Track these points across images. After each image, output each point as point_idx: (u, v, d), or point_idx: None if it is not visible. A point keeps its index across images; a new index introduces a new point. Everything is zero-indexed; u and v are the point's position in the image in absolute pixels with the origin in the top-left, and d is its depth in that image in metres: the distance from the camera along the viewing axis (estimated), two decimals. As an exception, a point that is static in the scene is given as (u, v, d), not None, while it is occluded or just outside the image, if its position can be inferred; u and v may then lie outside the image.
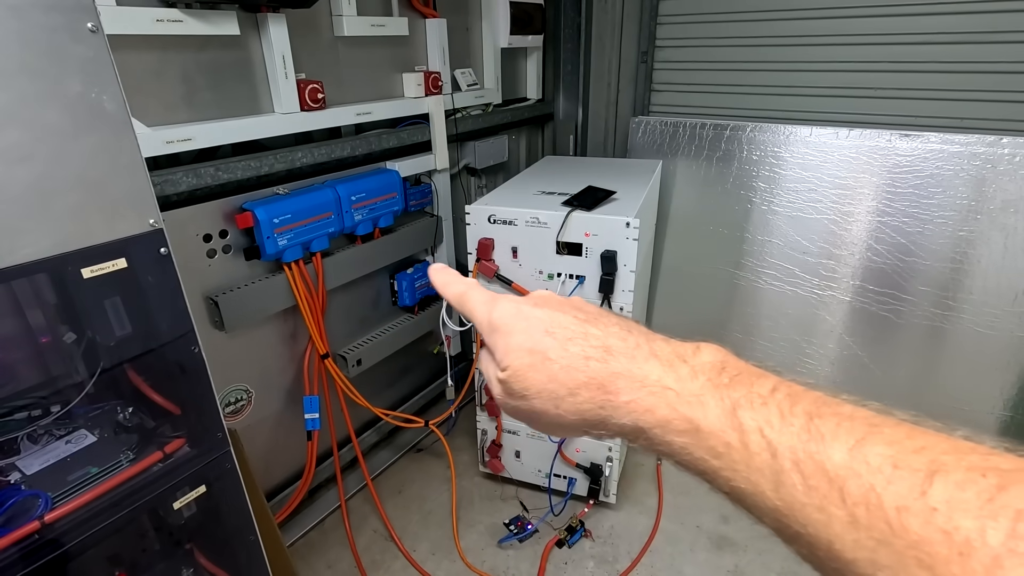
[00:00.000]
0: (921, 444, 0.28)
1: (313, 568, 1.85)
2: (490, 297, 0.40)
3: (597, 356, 0.35)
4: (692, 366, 0.34)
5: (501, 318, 0.38)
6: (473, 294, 0.41)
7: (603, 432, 0.36)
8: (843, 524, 0.28)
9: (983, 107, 1.90)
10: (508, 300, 0.39)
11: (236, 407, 1.71)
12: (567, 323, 0.37)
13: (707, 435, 0.32)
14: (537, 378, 0.36)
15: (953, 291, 1.93)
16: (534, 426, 0.39)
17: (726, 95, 2.39)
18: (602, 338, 0.36)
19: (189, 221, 1.46)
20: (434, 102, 2.03)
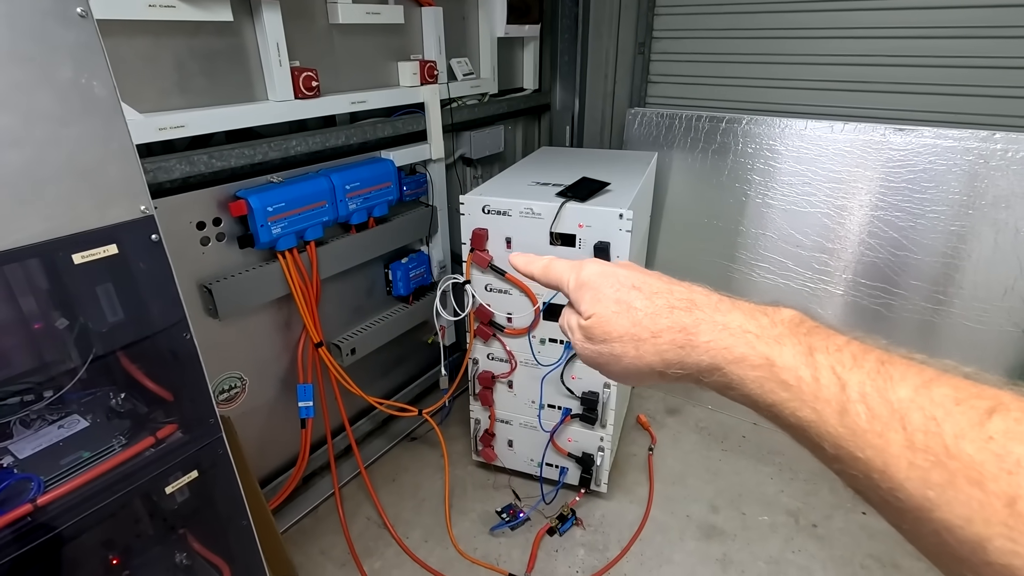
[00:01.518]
0: (983, 390, 0.31)
1: (307, 554, 1.87)
2: (576, 262, 0.45)
3: (682, 306, 0.39)
4: (772, 318, 0.38)
5: (590, 275, 0.43)
6: (558, 262, 0.47)
7: (677, 371, 0.40)
8: (900, 447, 0.30)
9: (977, 102, 1.91)
10: (595, 262, 0.43)
11: (230, 395, 1.72)
12: (653, 281, 0.41)
13: (780, 369, 0.35)
14: (621, 323, 0.40)
15: (944, 286, 1.95)
16: (607, 371, 0.43)
17: (722, 87, 2.39)
18: (687, 293, 0.40)
19: (182, 208, 1.46)
20: (429, 91, 2.02)
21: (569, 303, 0.45)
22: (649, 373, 0.41)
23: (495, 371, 1.95)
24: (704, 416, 2.53)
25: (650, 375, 0.41)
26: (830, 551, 1.86)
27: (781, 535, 1.93)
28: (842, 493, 2.11)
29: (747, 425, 2.46)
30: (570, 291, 0.44)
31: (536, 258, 0.49)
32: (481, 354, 1.94)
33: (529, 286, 1.75)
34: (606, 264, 0.43)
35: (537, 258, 0.49)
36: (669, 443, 2.36)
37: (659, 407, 2.58)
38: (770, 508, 2.04)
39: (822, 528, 1.95)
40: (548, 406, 1.93)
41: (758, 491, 2.11)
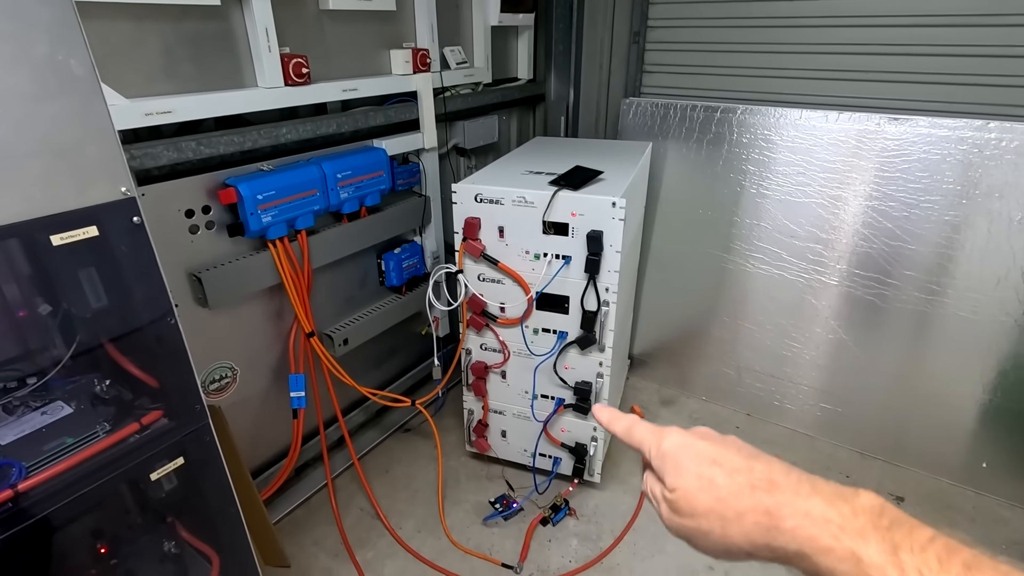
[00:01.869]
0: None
1: (300, 544, 1.87)
2: (657, 428, 0.46)
3: (763, 486, 0.40)
4: (853, 506, 0.38)
5: (671, 446, 0.43)
6: (640, 426, 0.47)
7: (765, 554, 0.41)
8: None
9: (972, 91, 1.90)
10: (676, 432, 0.44)
11: (221, 384, 1.71)
12: (732, 456, 0.42)
13: (868, 566, 0.36)
14: (704, 499, 0.41)
15: (937, 276, 1.94)
16: (698, 545, 0.44)
17: (717, 77, 2.37)
18: (767, 472, 0.41)
19: (171, 196, 1.45)
20: (422, 80, 2.00)
21: (650, 469, 0.46)
22: (738, 551, 0.42)
23: (488, 361, 1.94)
24: (698, 407, 2.53)
25: (739, 553, 0.42)
26: (822, 540, 1.87)
27: (774, 525, 1.93)
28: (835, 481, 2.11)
29: (740, 416, 2.46)
30: (652, 459, 0.45)
31: (619, 417, 0.49)
32: (474, 344, 1.94)
33: (522, 276, 1.74)
34: (686, 434, 0.44)
35: (620, 417, 0.49)
36: (663, 434, 2.36)
37: (653, 398, 2.58)
38: (763, 498, 2.04)
39: (814, 518, 1.95)
40: (541, 396, 1.92)
41: (751, 481, 2.11)
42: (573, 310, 1.75)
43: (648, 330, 2.65)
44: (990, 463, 2.02)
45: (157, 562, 1.20)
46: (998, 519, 1.95)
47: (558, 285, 1.72)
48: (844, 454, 2.25)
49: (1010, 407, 1.94)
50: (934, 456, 2.12)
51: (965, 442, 2.05)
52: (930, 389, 2.06)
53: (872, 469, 2.17)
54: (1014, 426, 1.95)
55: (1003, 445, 1.99)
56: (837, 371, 2.23)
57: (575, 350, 1.80)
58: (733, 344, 2.43)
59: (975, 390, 1.98)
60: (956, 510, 1.99)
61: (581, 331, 1.76)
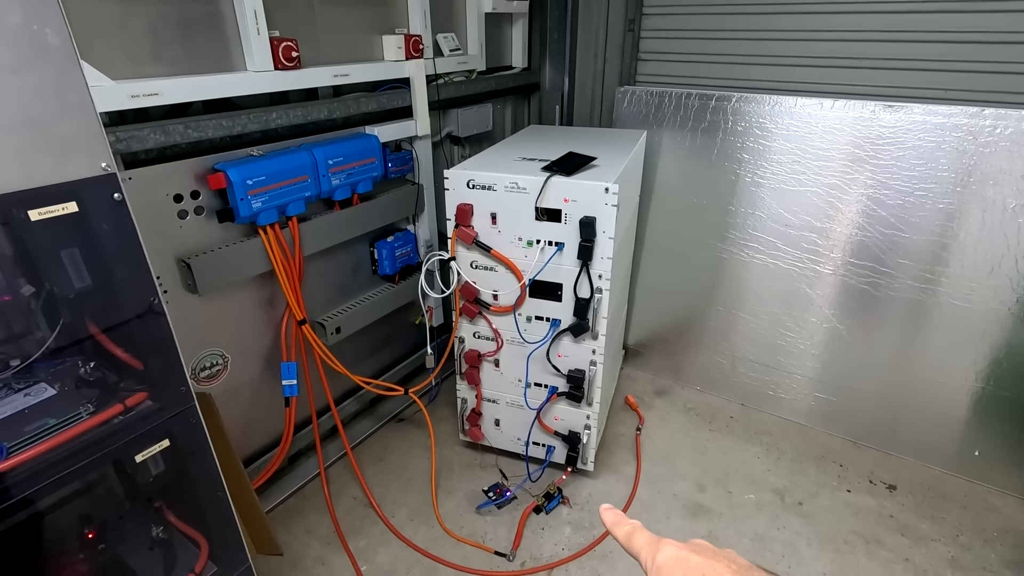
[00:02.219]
0: None
1: (292, 533, 1.86)
2: (655, 539, 0.46)
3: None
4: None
5: (665, 561, 0.44)
6: (639, 536, 0.47)
7: None
8: None
9: (967, 78, 1.89)
10: (671, 545, 0.45)
11: (211, 372, 1.69)
12: (722, 571, 0.42)
13: None
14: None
15: (931, 264, 1.94)
16: None
17: (713, 65, 2.36)
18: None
19: (159, 180, 1.43)
20: (415, 66, 1.98)
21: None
22: None
23: (481, 350, 1.93)
24: (692, 397, 2.53)
25: None
26: (815, 528, 1.87)
27: (767, 513, 1.93)
28: (828, 471, 2.12)
29: (735, 406, 2.46)
30: (647, 570, 0.46)
31: (623, 521, 0.50)
32: (467, 332, 1.93)
33: (515, 263, 1.73)
34: (682, 548, 0.45)
35: (623, 522, 0.50)
36: (657, 423, 2.36)
37: (647, 388, 2.58)
38: (756, 487, 2.04)
39: (807, 506, 1.96)
40: (534, 384, 1.92)
41: (745, 470, 2.12)
42: (566, 297, 1.74)
43: (642, 320, 2.65)
44: (982, 451, 2.03)
45: (146, 547, 1.19)
46: (989, 507, 1.96)
47: (551, 272, 1.72)
48: (837, 443, 2.25)
49: (1003, 395, 1.94)
50: (927, 444, 2.12)
51: (958, 430, 2.06)
52: (923, 378, 2.06)
53: (865, 458, 2.18)
54: (1006, 414, 1.96)
55: (995, 433, 2.00)
56: (831, 360, 2.23)
57: (568, 338, 1.80)
58: (728, 334, 2.42)
59: (968, 378, 1.98)
60: (948, 498, 1.99)
61: (574, 319, 1.76)
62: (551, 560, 1.76)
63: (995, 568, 1.73)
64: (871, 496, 2.00)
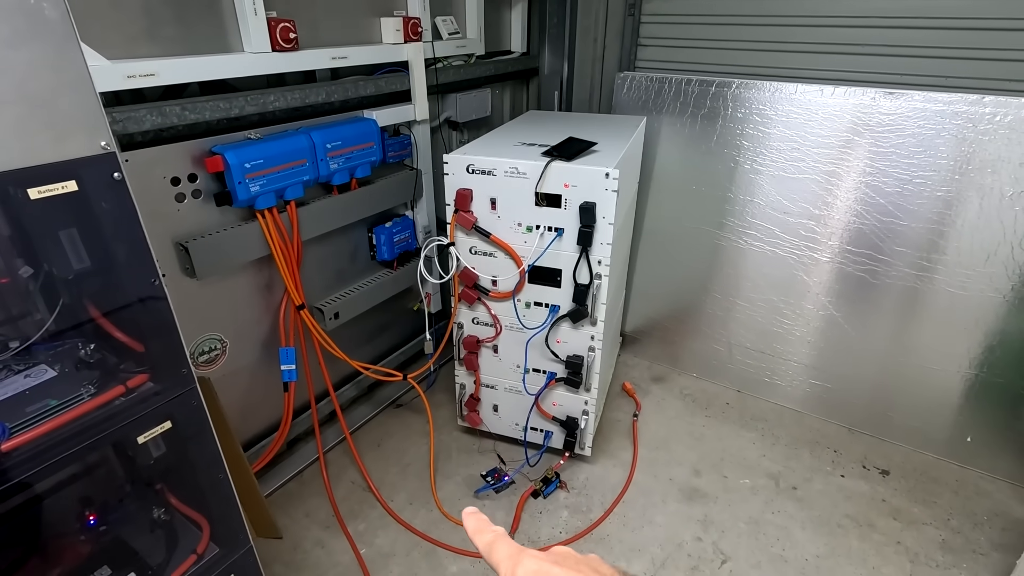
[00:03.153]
0: None
1: (291, 516, 1.88)
2: (516, 551, 0.44)
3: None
4: None
5: (524, 575, 0.42)
6: (500, 546, 0.45)
7: None
8: None
9: (968, 65, 1.89)
10: (531, 557, 0.43)
11: (210, 356, 1.69)
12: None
13: None
14: None
15: (928, 252, 1.95)
16: None
17: (713, 51, 2.35)
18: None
19: (156, 162, 1.42)
20: (413, 49, 1.96)
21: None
22: None
23: (480, 335, 1.93)
24: (689, 384, 2.55)
25: None
26: (809, 512, 1.90)
27: (761, 497, 1.96)
28: (822, 456, 2.14)
29: (731, 393, 2.48)
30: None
31: (484, 529, 0.47)
32: (466, 318, 1.93)
33: (514, 248, 1.72)
34: (543, 560, 0.43)
35: (486, 529, 0.47)
36: (654, 409, 2.38)
37: (644, 375, 2.60)
38: (751, 472, 2.07)
39: (801, 490, 1.98)
40: (533, 370, 1.93)
41: (740, 455, 2.14)
42: (565, 283, 1.75)
43: (640, 307, 2.66)
44: (974, 437, 2.06)
45: (147, 529, 1.19)
46: (980, 491, 1.99)
47: (550, 258, 1.71)
48: (832, 429, 2.28)
49: (995, 382, 1.96)
50: (920, 430, 2.15)
51: (951, 417, 2.08)
52: (918, 365, 2.08)
53: (859, 444, 2.20)
54: (998, 401, 1.98)
55: (987, 419, 2.02)
56: (827, 347, 2.25)
57: (567, 324, 1.80)
58: (725, 321, 2.44)
59: (962, 365, 2.00)
60: (940, 483, 2.02)
61: (573, 305, 1.76)
62: (548, 543, 1.78)
63: (984, 551, 1.76)
64: (864, 481, 2.02)
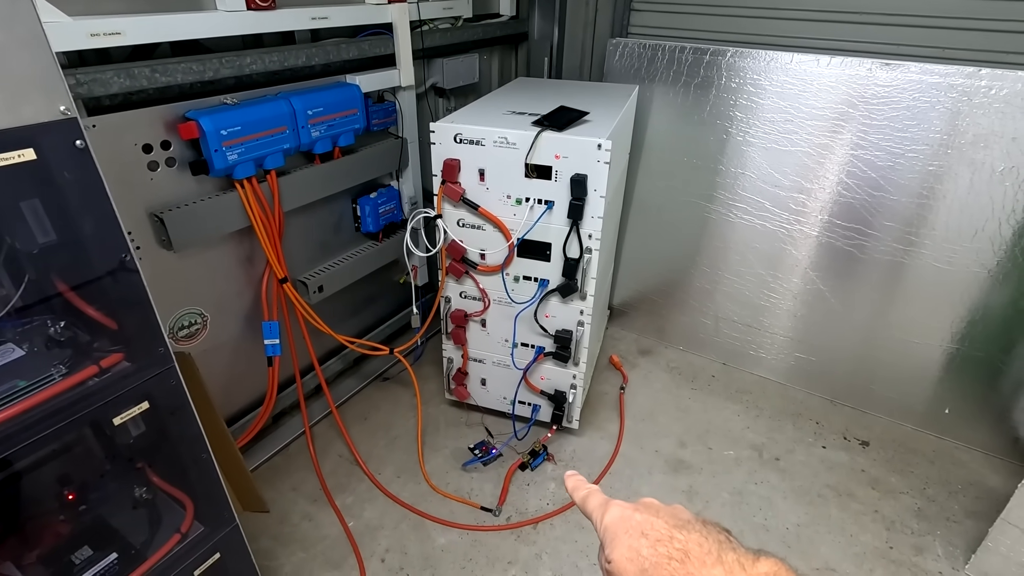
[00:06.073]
0: None
1: (278, 490, 1.87)
2: (605, 501, 0.50)
3: (678, 557, 0.43)
4: (749, 572, 0.41)
5: (611, 520, 0.47)
6: (592, 499, 0.51)
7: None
8: None
9: (966, 36, 1.86)
10: (617, 505, 0.49)
11: (190, 331, 1.65)
12: (660, 526, 0.45)
13: None
14: (631, 570, 0.44)
15: (917, 226, 1.95)
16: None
17: (708, 17, 2.28)
18: (684, 543, 0.43)
19: (125, 128, 1.34)
20: (398, 10, 1.87)
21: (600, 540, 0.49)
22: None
23: (468, 310, 1.91)
24: (675, 356, 2.56)
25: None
26: (791, 482, 1.94)
27: (745, 468, 1.99)
28: (805, 428, 2.18)
29: (717, 365, 2.50)
30: (598, 531, 0.49)
31: (581, 486, 0.53)
32: (453, 292, 1.90)
33: (503, 221, 1.69)
34: (626, 507, 0.48)
35: (582, 486, 0.53)
36: (640, 382, 2.39)
37: (632, 348, 2.60)
38: (736, 443, 2.10)
39: (784, 461, 2.02)
40: (521, 344, 1.91)
41: (725, 427, 2.17)
42: (555, 257, 1.72)
43: (628, 280, 2.65)
44: (952, 409, 2.10)
45: (129, 508, 1.17)
46: (956, 462, 2.05)
47: (540, 231, 1.68)
48: (815, 401, 2.31)
49: (975, 355, 2.00)
50: (900, 403, 2.19)
51: (930, 389, 2.12)
52: (901, 338, 2.10)
53: (841, 415, 2.24)
54: (977, 374, 2.02)
55: (966, 392, 2.06)
56: (812, 321, 2.26)
57: (556, 298, 1.78)
58: (712, 294, 2.44)
59: (944, 339, 2.03)
60: (918, 453, 2.07)
61: (563, 279, 1.74)
62: (536, 515, 1.80)
63: (958, 518, 1.82)
64: (845, 452, 2.06)
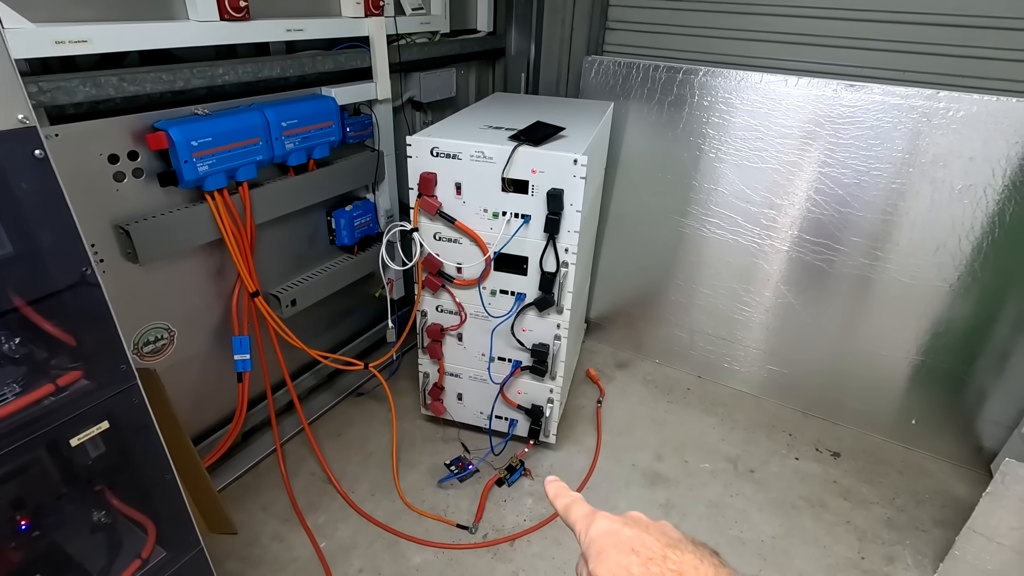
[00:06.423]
0: None
1: (247, 510, 1.81)
2: (590, 512, 0.47)
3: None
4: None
5: (597, 533, 0.45)
6: (576, 508, 0.48)
7: None
8: None
9: (924, 60, 1.94)
10: (604, 518, 0.46)
11: (156, 346, 1.60)
12: (651, 544, 0.42)
13: None
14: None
15: (882, 242, 2.01)
16: None
17: (681, 37, 2.34)
18: (678, 564, 0.41)
19: (91, 138, 1.30)
20: (375, 24, 1.87)
21: (582, 552, 0.47)
22: None
23: (444, 323, 1.89)
24: (652, 370, 2.58)
25: None
26: (766, 494, 1.95)
27: (721, 480, 2.00)
28: (778, 440, 2.21)
29: (692, 378, 2.53)
30: (581, 542, 0.47)
31: (563, 493, 0.51)
32: (430, 306, 1.88)
33: (480, 235, 1.68)
34: (614, 521, 0.45)
35: (564, 494, 0.51)
36: (617, 395, 2.40)
37: (609, 361, 2.61)
38: (711, 456, 2.11)
39: (759, 473, 2.04)
40: (498, 359, 1.90)
41: (701, 440, 2.18)
42: (532, 271, 1.72)
43: (605, 294, 2.66)
44: (919, 420, 2.15)
45: (87, 532, 1.12)
46: (923, 471, 2.09)
47: (517, 245, 1.68)
48: (788, 413, 2.35)
49: (939, 367, 2.05)
50: (869, 414, 2.23)
51: (898, 401, 2.17)
52: (869, 351, 2.16)
53: (813, 427, 2.28)
54: (942, 385, 2.08)
55: (931, 403, 2.12)
56: (785, 334, 2.31)
57: (533, 312, 1.78)
58: (687, 308, 2.46)
59: (909, 351, 2.09)
60: (887, 464, 2.11)
61: (539, 293, 1.74)
62: (513, 531, 1.78)
63: (926, 527, 1.86)
64: (817, 463, 2.09)
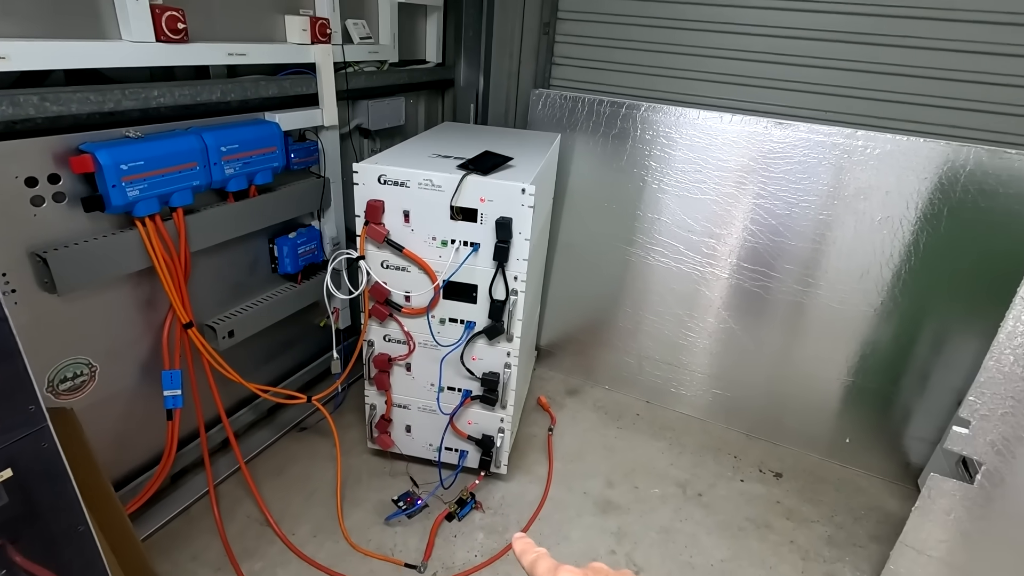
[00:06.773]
0: None
1: (175, 560, 1.67)
2: (554, 566, 0.48)
3: None
4: None
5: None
6: (541, 563, 0.49)
7: None
8: None
9: (845, 102, 2.10)
10: (567, 571, 0.46)
11: (74, 383, 1.47)
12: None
13: None
14: None
15: (812, 269, 2.13)
16: None
17: (623, 74, 2.44)
18: None
19: (6, 159, 1.22)
20: (321, 51, 1.86)
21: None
22: None
23: (392, 353, 1.85)
24: (602, 396, 2.60)
25: None
26: (714, 517, 1.98)
27: (671, 505, 2.02)
28: (724, 462, 2.25)
29: (641, 404, 2.56)
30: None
31: (530, 550, 0.51)
32: (377, 336, 1.84)
33: (428, 263, 1.67)
34: (576, 572, 0.46)
35: (530, 550, 0.51)
36: (568, 422, 2.39)
37: (559, 388, 2.62)
38: (661, 481, 2.13)
39: (707, 496, 2.07)
40: (448, 388, 1.87)
41: (650, 465, 2.20)
42: (481, 299, 1.71)
43: (555, 321, 2.68)
44: (852, 438, 2.26)
45: (-17, 596, 1.00)
46: (858, 488, 2.18)
47: (466, 273, 1.67)
48: (733, 436, 2.41)
49: (868, 387, 2.17)
50: (807, 434, 2.33)
51: (832, 420, 2.27)
52: (804, 373, 2.26)
53: (756, 448, 2.34)
54: (872, 404, 2.19)
55: (863, 422, 2.23)
56: (727, 358, 2.38)
57: (483, 340, 1.76)
58: (635, 334, 2.51)
59: (841, 373, 2.20)
60: (825, 482, 2.19)
61: (489, 321, 1.73)
62: (464, 568, 1.72)
63: (863, 543, 1.93)
64: (761, 484, 2.15)
